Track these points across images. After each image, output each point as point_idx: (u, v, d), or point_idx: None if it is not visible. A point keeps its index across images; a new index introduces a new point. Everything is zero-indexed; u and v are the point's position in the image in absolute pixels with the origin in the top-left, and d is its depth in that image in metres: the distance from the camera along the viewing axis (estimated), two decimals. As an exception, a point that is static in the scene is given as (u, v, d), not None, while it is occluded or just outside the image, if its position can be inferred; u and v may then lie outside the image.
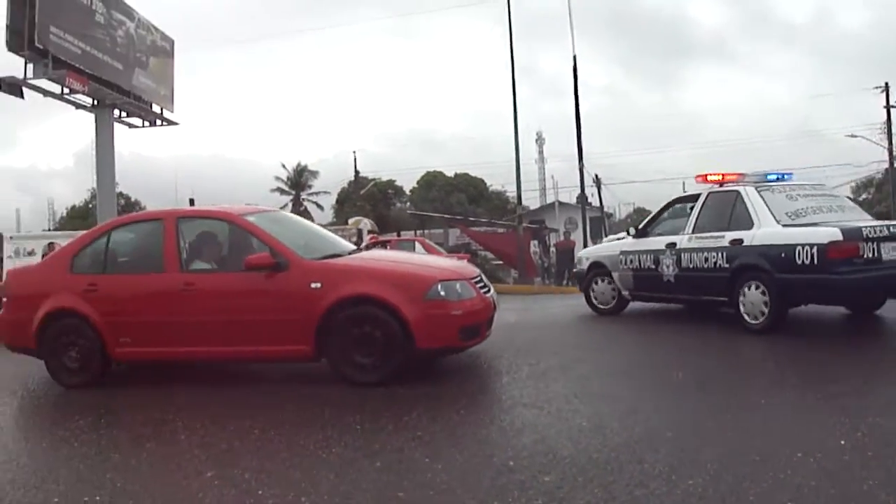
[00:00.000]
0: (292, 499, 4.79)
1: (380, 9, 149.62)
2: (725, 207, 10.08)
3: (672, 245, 10.61)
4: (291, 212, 70.06)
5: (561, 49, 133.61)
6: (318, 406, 7.11)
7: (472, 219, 55.26)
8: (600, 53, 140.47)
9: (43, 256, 25.60)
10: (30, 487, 5.33)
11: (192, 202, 35.84)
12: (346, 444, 5.85)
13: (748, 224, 9.55)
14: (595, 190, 43.08)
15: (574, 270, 14.85)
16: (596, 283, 12.32)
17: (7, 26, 29.09)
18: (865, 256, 8.62)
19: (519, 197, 35.82)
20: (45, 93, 31.92)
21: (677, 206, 11.48)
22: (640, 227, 11.75)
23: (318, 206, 73.04)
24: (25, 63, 30.23)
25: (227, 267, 8.50)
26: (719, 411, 6.34)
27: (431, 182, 75.86)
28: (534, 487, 4.71)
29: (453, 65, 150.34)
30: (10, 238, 31.39)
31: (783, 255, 8.91)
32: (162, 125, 40.74)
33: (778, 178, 10.27)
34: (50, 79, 30.86)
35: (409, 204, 75.65)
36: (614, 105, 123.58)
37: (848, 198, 11.69)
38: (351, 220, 43.90)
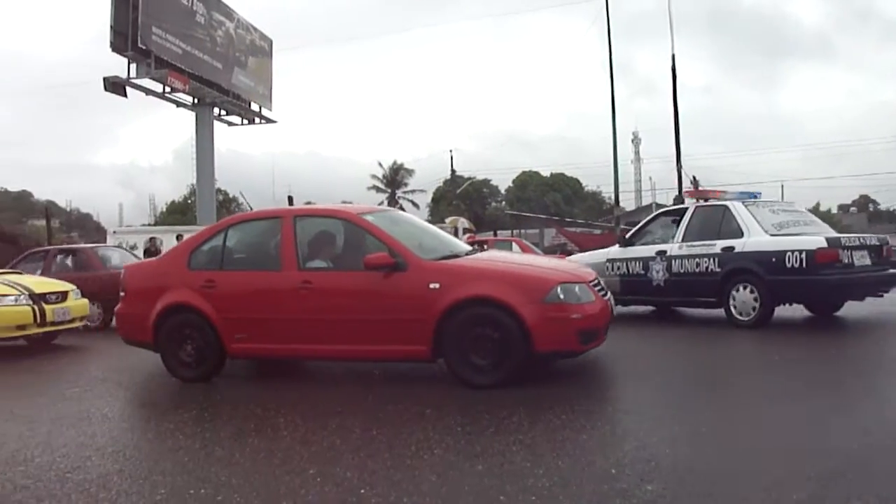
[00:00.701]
0: (394, 499, 4.73)
1: (477, 8, 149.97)
2: (714, 220, 11.58)
3: (662, 252, 11.95)
4: (386, 210, 71.12)
5: (656, 47, 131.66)
6: (419, 406, 7.07)
7: (568, 219, 54.76)
8: (698, 52, 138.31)
9: (144, 251, 26.62)
10: (137, 478, 5.41)
11: (290, 200, 36.43)
12: (447, 446, 5.79)
13: (738, 234, 11.05)
14: (692, 192, 42.22)
15: None
16: None
17: (111, 28, 30.25)
18: (843, 262, 10.32)
19: (616, 198, 35.47)
20: (148, 91, 33.08)
21: (661, 219, 12.98)
22: (627, 237, 13.07)
23: (414, 204, 73.60)
24: (129, 63, 31.46)
25: (344, 266, 8.52)
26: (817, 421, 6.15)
27: (526, 182, 75.59)
28: (636, 496, 4.57)
29: (548, 64, 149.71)
30: (114, 232, 32.58)
31: (774, 259, 10.44)
32: (260, 123, 41.80)
33: (751, 196, 12.23)
34: (152, 78, 32.02)
35: (504, 203, 75.45)
36: (712, 105, 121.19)
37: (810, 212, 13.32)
38: (448, 219, 44.03)
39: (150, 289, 9.01)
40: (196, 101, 35.84)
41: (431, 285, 7.72)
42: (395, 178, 74.76)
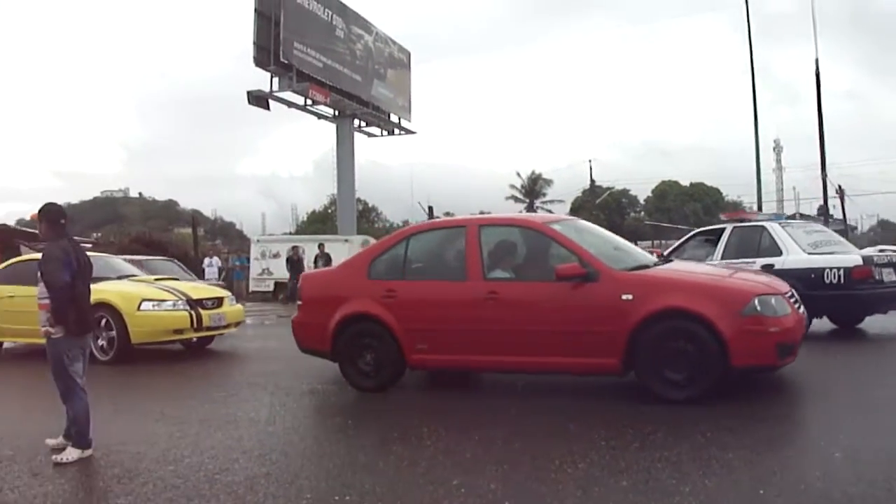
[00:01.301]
0: (540, 513, 4.63)
1: (615, 15, 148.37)
2: (752, 239, 12.29)
3: None
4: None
5: (797, 51, 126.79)
6: (562, 419, 6.96)
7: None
8: (840, 55, 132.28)
9: (287, 259, 27.35)
10: (283, 482, 5.48)
11: (430, 210, 36.95)
12: (591, 461, 5.67)
13: (777, 252, 11.76)
14: (837, 201, 40.27)
15: None
16: None
17: (254, 43, 31.27)
18: (875, 278, 11.23)
19: (759, 207, 34.17)
20: (290, 104, 34.01)
21: (697, 238, 13.83)
22: (666, 254, 12.99)
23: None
24: (271, 77, 32.40)
25: (530, 276, 8.38)
26: None
27: (666, 192, 74.10)
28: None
29: (687, 71, 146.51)
30: (257, 240, 33.56)
31: (813, 276, 11.16)
32: (400, 134, 42.38)
33: (783, 218, 13.64)
34: (294, 91, 32.88)
35: (642, 213, 74.11)
36: (856, 110, 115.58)
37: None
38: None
39: (328, 298, 9.04)
40: (337, 113, 36.61)
41: (624, 296, 7.49)
42: (533, 188, 74.57)
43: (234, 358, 12.64)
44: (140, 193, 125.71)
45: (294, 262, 26.65)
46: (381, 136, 41.74)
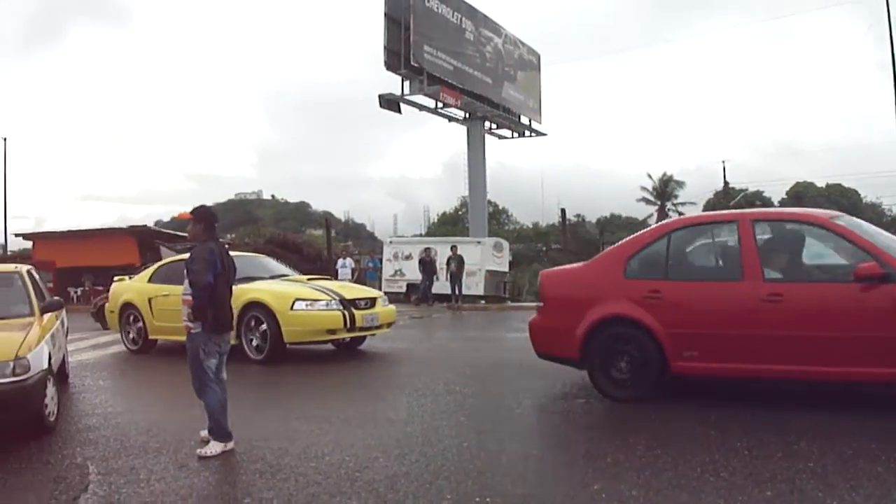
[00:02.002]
0: (683, 522, 4.47)
1: (744, 14, 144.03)
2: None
3: None
4: (656, 223, 69.14)
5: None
6: (703, 427, 6.80)
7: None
8: None
9: (419, 261, 27.48)
10: (423, 481, 5.46)
11: (563, 213, 36.68)
12: (733, 470, 5.50)
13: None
14: None
15: None
16: None
17: (385, 47, 31.68)
18: None
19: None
20: (421, 107, 34.32)
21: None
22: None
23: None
24: (402, 81, 32.76)
25: (815, 276, 7.86)
26: None
27: (801, 193, 71.22)
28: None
29: (822, 68, 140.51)
30: (390, 242, 33.92)
31: None
32: (530, 136, 42.17)
33: None
34: (425, 94, 33.12)
35: (777, 217, 71.42)
36: None
37: None
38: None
39: (576, 298, 8.45)
40: (467, 115, 36.69)
41: None
42: (664, 190, 72.91)
43: (374, 358, 12.68)
44: (273, 195, 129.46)
45: (426, 264, 26.77)
46: (512, 138, 41.60)
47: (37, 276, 9.44)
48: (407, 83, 32.61)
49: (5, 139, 42.12)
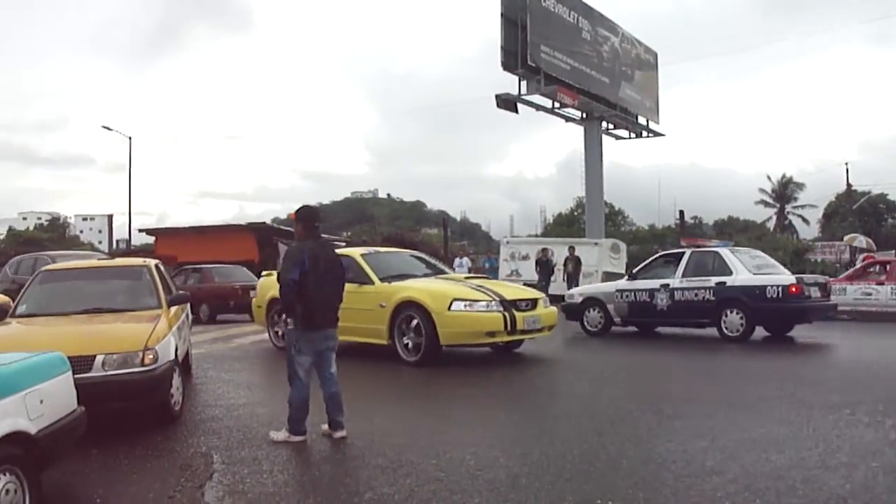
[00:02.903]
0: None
1: (861, 12, 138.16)
2: (707, 261, 15.22)
3: (666, 285, 15.31)
4: (775, 226, 66.85)
5: None
6: None
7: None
8: None
9: (536, 262, 27.19)
10: (545, 482, 5.38)
11: (681, 214, 35.75)
12: None
13: (728, 272, 14.61)
14: None
15: (563, 304, 17.12)
16: (588, 312, 16.55)
17: (502, 47, 31.56)
18: (805, 294, 14.20)
19: None
20: (538, 107, 34.06)
21: (660, 260, 16.64)
22: (633, 273, 16.68)
23: (804, 220, 68.78)
24: (519, 81, 32.56)
25: None
26: None
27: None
28: None
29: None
30: (507, 242, 33.75)
31: (758, 291, 14.14)
32: (647, 136, 41.36)
33: (726, 245, 17.83)
34: (542, 94, 32.86)
35: (903, 220, 68.19)
36: None
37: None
38: (846, 237, 40.58)
39: None
40: (584, 115, 36.23)
41: None
42: (783, 193, 70.57)
43: (523, 363, 12.27)
44: (388, 194, 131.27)
45: (543, 265, 26.45)
46: (630, 138, 40.90)
47: (163, 270, 9.66)
48: (524, 83, 32.40)
49: (130, 138, 43.49)
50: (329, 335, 7.00)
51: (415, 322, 11.18)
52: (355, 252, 12.72)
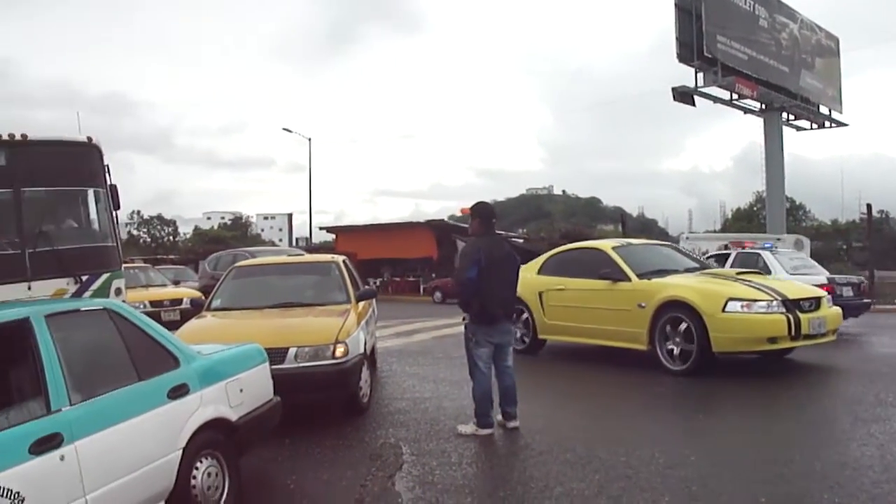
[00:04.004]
0: None
1: None
2: (750, 262, 15.38)
3: None
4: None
5: None
6: None
7: None
8: None
9: (716, 258, 26.04)
10: (738, 483, 5.22)
11: (869, 208, 33.52)
12: None
13: (767, 272, 14.08)
14: None
15: None
16: None
17: (677, 39, 30.57)
18: (837, 293, 14.09)
19: None
20: (715, 100, 32.81)
21: (710, 260, 15.71)
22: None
23: None
24: (695, 73, 31.45)
25: None
26: None
27: None
28: None
29: None
30: (686, 238, 32.61)
31: None
32: (830, 127, 39.10)
33: (772, 247, 17.45)
34: (719, 86, 31.61)
35: None
36: None
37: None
38: None
39: None
40: (763, 106, 34.63)
41: None
42: None
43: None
44: (563, 191, 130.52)
45: (725, 260, 25.40)
46: (811, 129, 38.77)
47: (351, 266, 9.80)
48: (700, 75, 31.26)
49: (310, 140, 44.83)
50: (505, 329, 7.02)
51: (682, 325, 9.56)
52: (606, 245, 11.41)
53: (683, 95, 31.27)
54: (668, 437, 6.52)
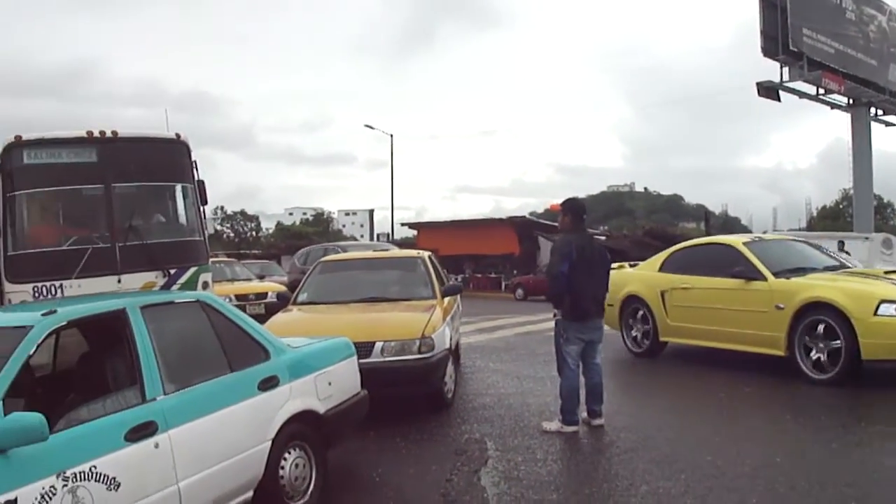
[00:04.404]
0: None
1: None
2: None
3: None
4: None
5: None
6: None
7: None
8: None
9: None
10: (825, 486, 5.06)
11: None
12: None
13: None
14: None
15: None
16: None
17: (761, 32, 29.78)
18: None
19: None
20: (801, 94, 31.87)
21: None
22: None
23: None
24: (780, 67, 30.60)
25: None
26: None
27: None
28: None
29: None
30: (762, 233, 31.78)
31: None
32: (923, 122, 37.67)
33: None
34: (805, 80, 30.70)
35: None
36: None
37: None
38: None
39: None
40: (851, 101, 33.50)
41: None
42: None
43: None
44: (645, 188, 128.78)
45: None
46: (901, 124, 37.38)
47: (436, 262, 9.75)
48: (785, 69, 30.41)
49: (392, 136, 44.92)
50: (596, 325, 6.89)
51: (823, 328, 8.53)
52: (735, 241, 10.39)
53: (768, 90, 30.46)
54: (755, 438, 6.31)
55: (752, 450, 5.85)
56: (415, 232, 46.45)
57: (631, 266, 12.25)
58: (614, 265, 12.78)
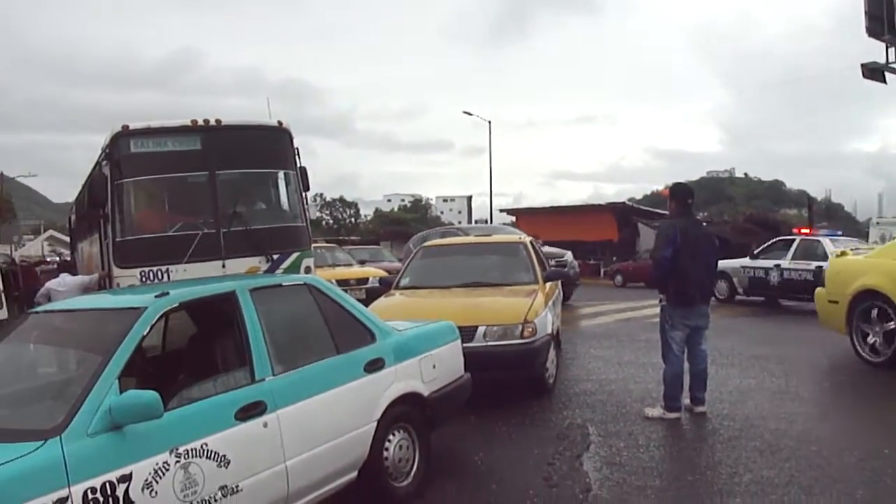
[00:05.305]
0: None
1: None
2: (812, 248, 16.45)
3: (778, 265, 16.80)
4: None
5: None
6: None
7: None
8: None
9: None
10: None
11: None
12: None
13: (826, 258, 14.36)
14: None
15: None
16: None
17: (866, 12, 28.26)
18: None
19: None
20: (908, 76, 30.30)
21: (778, 244, 18.01)
22: (755, 253, 18.11)
23: None
24: (886, 48, 29.02)
25: None
26: None
27: None
28: None
29: None
30: (876, 223, 30.30)
31: None
32: None
33: (834, 235, 19.20)
34: (911, 62, 29.15)
35: None
36: None
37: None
38: None
39: None
40: None
41: None
42: None
43: None
44: (745, 174, 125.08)
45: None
46: None
47: (538, 247, 9.59)
48: (891, 50, 28.87)
49: (490, 122, 44.33)
50: (702, 312, 6.64)
51: (876, 313, 8.36)
52: None
53: (873, 72, 28.93)
54: (861, 429, 6.03)
55: (858, 441, 5.57)
56: (513, 218, 46.16)
57: (853, 252, 11.17)
58: (835, 252, 13.20)
